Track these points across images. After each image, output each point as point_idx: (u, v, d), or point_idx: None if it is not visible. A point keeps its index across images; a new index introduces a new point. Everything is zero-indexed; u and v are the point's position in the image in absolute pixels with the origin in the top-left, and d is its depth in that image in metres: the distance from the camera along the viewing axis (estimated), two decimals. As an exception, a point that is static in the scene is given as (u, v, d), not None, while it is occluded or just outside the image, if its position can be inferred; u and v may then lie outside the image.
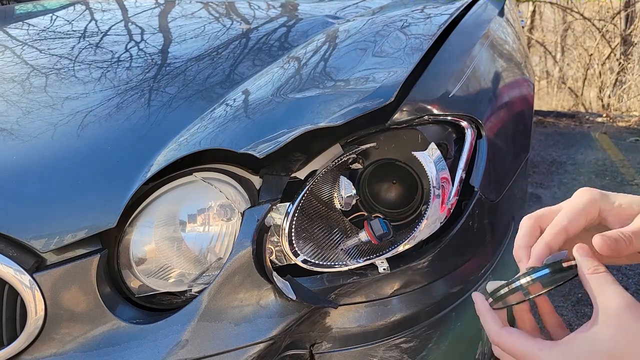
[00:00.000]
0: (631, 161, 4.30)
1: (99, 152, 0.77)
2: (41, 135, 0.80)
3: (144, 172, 0.72)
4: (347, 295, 0.76)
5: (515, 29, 1.71)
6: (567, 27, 9.01)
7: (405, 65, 0.84)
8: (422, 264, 0.79)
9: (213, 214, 0.75)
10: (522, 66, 1.51)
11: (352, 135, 0.80)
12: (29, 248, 0.69)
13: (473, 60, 1.03)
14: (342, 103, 0.75)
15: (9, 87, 0.97)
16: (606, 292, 0.48)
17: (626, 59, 7.52)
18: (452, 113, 0.88)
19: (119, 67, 1.02)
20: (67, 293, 0.69)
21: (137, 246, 0.74)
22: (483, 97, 1.03)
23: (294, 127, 0.72)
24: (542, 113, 6.12)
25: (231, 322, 0.70)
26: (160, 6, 1.49)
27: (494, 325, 0.55)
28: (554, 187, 3.70)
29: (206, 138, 0.74)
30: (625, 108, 7.10)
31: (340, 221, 0.82)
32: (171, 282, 0.76)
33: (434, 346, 0.80)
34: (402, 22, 1.08)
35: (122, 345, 0.69)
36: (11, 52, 1.17)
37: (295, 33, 1.16)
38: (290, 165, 0.77)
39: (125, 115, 0.84)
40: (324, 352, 0.75)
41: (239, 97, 0.86)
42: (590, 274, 0.49)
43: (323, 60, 0.94)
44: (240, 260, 0.70)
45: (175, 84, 0.92)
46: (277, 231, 0.74)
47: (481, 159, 0.90)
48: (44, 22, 1.40)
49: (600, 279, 0.49)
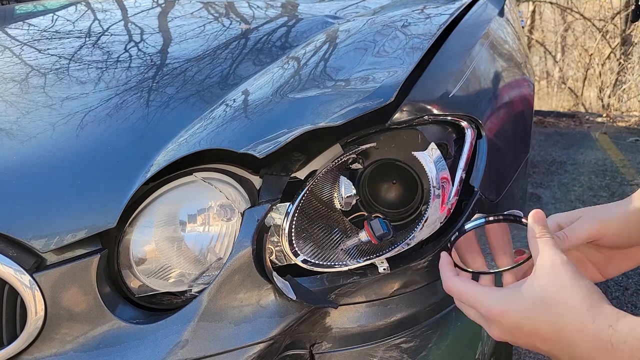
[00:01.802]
0: (631, 161, 4.30)
1: (99, 152, 0.77)
2: (41, 135, 0.80)
3: (143, 172, 0.72)
4: (347, 295, 0.76)
5: (515, 29, 1.71)
6: (567, 27, 9.02)
7: (405, 65, 0.84)
8: (422, 264, 0.79)
9: (213, 214, 0.75)
10: (522, 66, 1.51)
11: (352, 135, 0.80)
12: (29, 248, 0.69)
13: (473, 60, 1.03)
14: (342, 103, 0.75)
15: (8, 87, 0.97)
16: (546, 251, 0.57)
17: (626, 59, 7.53)
18: (452, 113, 0.88)
19: (119, 67, 1.02)
20: (67, 293, 0.69)
21: (137, 246, 0.74)
22: (483, 97, 1.03)
23: (294, 127, 0.72)
24: (542, 113, 6.12)
25: (231, 322, 0.70)
26: (160, 6, 1.49)
27: (449, 274, 0.64)
28: (554, 187, 3.70)
29: (206, 138, 0.74)
30: (625, 108, 7.10)
31: (340, 221, 0.82)
32: (171, 282, 0.76)
33: (434, 346, 0.80)
34: (402, 22, 1.08)
35: (122, 345, 0.69)
36: (11, 52, 1.17)
37: (295, 33, 1.16)
38: (290, 165, 0.77)
39: (125, 115, 0.84)
40: (324, 352, 0.75)
41: (238, 97, 0.86)
42: (536, 238, 0.59)
43: (323, 60, 0.94)
44: (240, 260, 0.70)
45: (174, 84, 0.92)
46: (277, 231, 0.74)
47: (481, 159, 0.90)
48: (44, 22, 1.40)
49: (543, 241, 0.58)
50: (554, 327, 0.54)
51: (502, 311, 0.57)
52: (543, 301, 0.55)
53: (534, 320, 0.55)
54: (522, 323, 0.56)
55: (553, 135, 5.28)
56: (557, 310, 0.54)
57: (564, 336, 0.53)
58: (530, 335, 0.56)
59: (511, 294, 0.57)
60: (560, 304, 0.54)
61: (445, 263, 0.66)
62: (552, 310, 0.54)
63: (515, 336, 0.57)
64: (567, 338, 0.53)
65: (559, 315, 0.54)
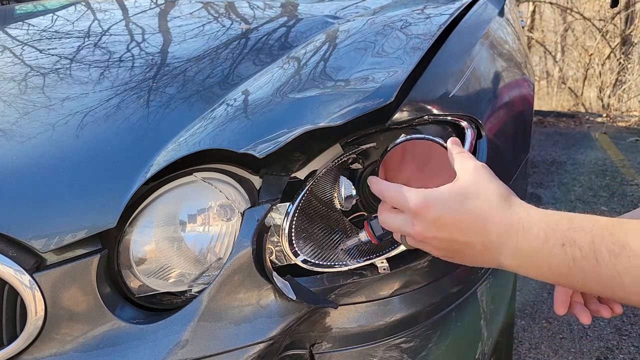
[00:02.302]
0: (631, 161, 4.30)
1: (99, 152, 0.77)
2: (40, 135, 0.80)
3: (143, 172, 0.72)
4: (347, 295, 0.76)
5: (515, 29, 1.71)
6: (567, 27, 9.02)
7: (405, 65, 0.84)
8: (422, 264, 0.79)
9: (213, 214, 0.75)
10: (522, 66, 1.51)
11: (352, 135, 0.80)
12: (29, 248, 0.69)
13: (473, 60, 1.03)
14: (342, 103, 0.75)
15: (8, 87, 0.97)
16: (465, 162, 0.65)
17: (626, 59, 7.53)
18: (452, 113, 0.88)
19: (119, 67, 1.02)
20: (67, 293, 0.69)
21: (137, 246, 0.74)
22: (483, 97, 1.03)
23: (294, 127, 0.72)
24: (542, 113, 6.12)
25: (231, 322, 0.70)
26: (160, 6, 1.49)
27: (377, 179, 0.70)
28: (554, 187, 3.70)
29: (206, 138, 0.74)
30: (625, 108, 7.10)
31: (340, 221, 0.82)
32: (171, 282, 0.76)
33: (434, 346, 0.80)
34: (402, 22, 1.08)
35: (122, 345, 0.69)
36: (11, 52, 1.17)
37: (295, 33, 1.16)
38: (290, 165, 0.77)
39: (125, 115, 0.84)
40: (324, 352, 0.75)
41: (238, 97, 0.86)
42: (455, 154, 0.67)
43: (323, 60, 0.94)
44: (240, 260, 0.70)
45: (174, 84, 0.92)
46: (277, 231, 0.74)
47: (481, 159, 0.90)
48: (44, 22, 1.40)
49: (461, 156, 0.67)
50: (473, 217, 0.60)
51: (427, 204, 0.62)
52: (463, 194, 0.62)
53: (454, 211, 0.61)
54: (444, 215, 0.61)
55: (553, 135, 5.28)
56: (476, 202, 0.61)
57: (481, 224, 0.60)
58: (450, 226, 0.61)
59: (434, 191, 0.63)
60: (479, 197, 0.61)
61: (374, 177, 0.72)
62: (471, 202, 0.61)
63: (437, 228, 0.62)
64: (483, 226, 0.60)
65: (478, 206, 0.61)
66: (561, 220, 0.56)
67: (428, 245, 0.65)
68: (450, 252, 0.64)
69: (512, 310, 1.65)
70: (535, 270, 0.58)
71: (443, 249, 0.64)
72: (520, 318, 2.16)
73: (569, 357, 1.94)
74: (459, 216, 0.61)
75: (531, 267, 0.58)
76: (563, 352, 1.96)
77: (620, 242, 0.51)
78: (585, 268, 0.53)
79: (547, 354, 1.95)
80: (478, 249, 0.61)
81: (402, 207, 0.65)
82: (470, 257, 0.63)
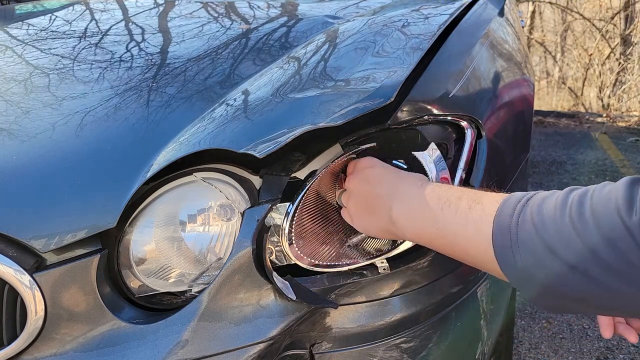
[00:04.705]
0: (631, 161, 4.30)
1: (99, 152, 0.77)
2: (41, 135, 0.80)
3: (144, 172, 0.72)
4: (347, 295, 0.76)
5: (515, 29, 1.71)
6: (567, 27, 9.02)
7: (405, 65, 0.84)
8: (422, 264, 0.79)
9: (213, 214, 0.75)
10: (522, 66, 1.51)
11: (352, 135, 0.80)
12: (29, 248, 0.68)
13: (473, 60, 1.03)
14: (342, 103, 0.75)
15: (8, 86, 0.97)
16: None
17: (626, 59, 7.52)
18: (452, 113, 0.88)
19: (119, 67, 1.02)
20: (67, 293, 0.69)
21: (137, 246, 0.74)
22: (483, 97, 1.03)
23: (294, 127, 0.72)
24: (542, 113, 6.12)
25: (231, 322, 0.70)
26: (160, 6, 1.49)
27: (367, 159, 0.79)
28: (554, 187, 3.69)
29: (206, 138, 0.74)
30: (625, 108, 7.09)
31: (340, 221, 0.82)
32: (171, 282, 0.76)
33: (434, 346, 0.80)
34: (402, 22, 1.08)
35: (122, 345, 0.69)
36: (11, 52, 1.17)
37: (295, 33, 1.16)
38: (290, 165, 0.77)
39: (125, 115, 0.84)
40: (324, 352, 0.75)
41: (239, 97, 0.86)
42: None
43: (323, 60, 0.94)
44: (240, 260, 0.70)
45: (175, 84, 0.92)
46: (277, 231, 0.74)
47: (481, 159, 0.90)
48: (44, 22, 1.40)
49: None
50: (396, 174, 0.74)
51: (372, 161, 0.77)
52: (397, 170, 0.76)
53: (385, 167, 0.76)
54: (376, 166, 0.75)
55: (553, 135, 5.28)
56: (404, 174, 0.74)
57: (398, 180, 0.73)
58: (376, 179, 0.73)
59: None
60: (408, 175, 0.74)
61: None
62: (401, 173, 0.75)
63: (365, 180, 0.74)
64: (398, 181, 0.72)
65: (405, 176, 0.74)
66: (452, 188, 0.69)
67: (353, 198, 0.75)
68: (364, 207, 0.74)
69: (512, 310, 1.66)
70: (411, 219, 0.69)
71: (361, 201, 0.74)
72: (520, 318, 2.16)
73: (569, 357, 1.94)
74: (386, 169, 0.75)
75: (410, 214, 0.69)
76: (563, 352, 1.96)
77: (478, 200, 0.63)
78: (446, 215, 0.64)
79: (547, 354, 1.95)
80: (386, 201, 0.71)
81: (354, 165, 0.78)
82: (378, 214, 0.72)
